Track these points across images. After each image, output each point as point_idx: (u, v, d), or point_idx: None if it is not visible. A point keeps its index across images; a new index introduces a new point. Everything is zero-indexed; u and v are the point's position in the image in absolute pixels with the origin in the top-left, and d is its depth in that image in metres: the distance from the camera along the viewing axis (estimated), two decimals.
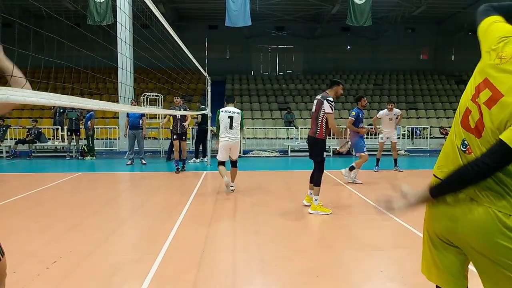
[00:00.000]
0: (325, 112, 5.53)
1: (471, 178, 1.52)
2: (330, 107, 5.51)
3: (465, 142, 1.61)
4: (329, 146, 13.48)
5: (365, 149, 8.11)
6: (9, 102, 1.57)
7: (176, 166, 9.84)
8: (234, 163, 7.27)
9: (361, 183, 7.92)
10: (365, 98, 8.45)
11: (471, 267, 1.74)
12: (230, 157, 7.14)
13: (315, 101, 5.75)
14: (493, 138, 1.49)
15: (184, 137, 10.02)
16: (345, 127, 9.17)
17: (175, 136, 9.95)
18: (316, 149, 5.69)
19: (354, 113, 8.07)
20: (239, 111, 7.16)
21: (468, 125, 1.61)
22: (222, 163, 7.05)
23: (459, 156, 1.63)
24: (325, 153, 5.73)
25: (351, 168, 8.00)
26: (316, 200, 5.64)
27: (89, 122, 12.57)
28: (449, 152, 1.70)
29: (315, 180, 5.69)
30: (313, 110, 5.76)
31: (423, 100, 21.21)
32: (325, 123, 5.58)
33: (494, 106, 1.50)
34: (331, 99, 5.55)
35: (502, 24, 1.65)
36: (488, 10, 1.74)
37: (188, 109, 12.06)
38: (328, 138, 5.93)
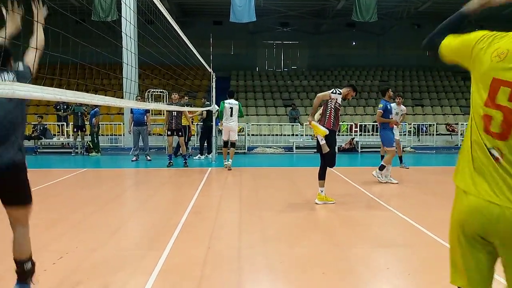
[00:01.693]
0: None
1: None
2: (333, 91, 5.68)
3: (493, 149, 1.52)
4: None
5: (394, 144, 7.80)
6: (15, 96, 1.56)
7: (169, 160, 10.20)
8: (232, 144, 9.53)
9: (397, 183, 7.60)
10: (389, 89, 8.08)
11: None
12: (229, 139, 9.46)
13: None
14: None
15: (180, 133, 10.19)
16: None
17: (169, 132, 10.25)
18: (327, 141, 5.69)
19: (382, 105, 7.74)
20: (237, 102, 9.55)
21: (492, 132, 1.52)
22: (225, 144, 9.55)
23: (493, 164, 1.52)
24: (336, 147, 5.82)
25: (381, 168, 7.67)
26: (322, 191, 5.82)
27: (94, 119, 12.59)
28: (482, 159, 1.56)
29: (320, 174, 5.84)
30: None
31: (429, 96, 21.05)
32: (333, 114, 5.68)
33: None
34: (337, 90, 5.72)
35: (467, 35, 1.68)
36: (437, 34, 1.88)
37: (191, 105, 12.06)
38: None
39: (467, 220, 1.61)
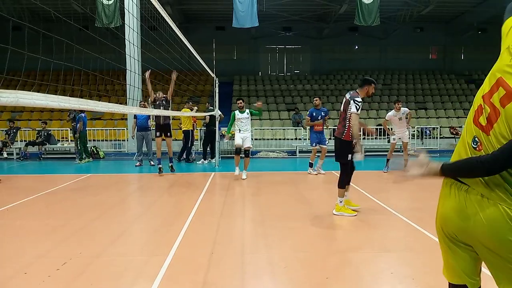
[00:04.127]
0: (351, 112, 5.38)
1: (475, 171, 1.57)
2: (356, 107, 5.35)
3: (476, 139, 1.63)
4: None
5: (314, 144, 9.57)
6: (19, 104, 1.58)
7: (158, 165, 9.68)
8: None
9: (324, 173, 9.39)
10: (317, 98, 9.59)
11: (484, 269, 1.71)
12: None
13: (343, 100, 5.60)
14: (504, 137, 1.49)
15: (168, 134, 9.72)
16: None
17: (157, 133, 9.67)
18: (340, 150, 5.56)
19: (308, 112, 9.68)
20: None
21: (479, 123, 1.62)
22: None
23: (469, 153, 1.65)
24: (349, 155, 5.53)
25: (310, 165, 9.56)
26: (340, 202, 5.56)
27: (78, 124, 12.10)
28: (460, 150, 1.72)
29: (339, 182, 5.58)
30: (341, 109, 5.62)
31: (433, 99, 20.99)
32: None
33: (509, 104, 1.48)
34: (358, 99, 5.38)
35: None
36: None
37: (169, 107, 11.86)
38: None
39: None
